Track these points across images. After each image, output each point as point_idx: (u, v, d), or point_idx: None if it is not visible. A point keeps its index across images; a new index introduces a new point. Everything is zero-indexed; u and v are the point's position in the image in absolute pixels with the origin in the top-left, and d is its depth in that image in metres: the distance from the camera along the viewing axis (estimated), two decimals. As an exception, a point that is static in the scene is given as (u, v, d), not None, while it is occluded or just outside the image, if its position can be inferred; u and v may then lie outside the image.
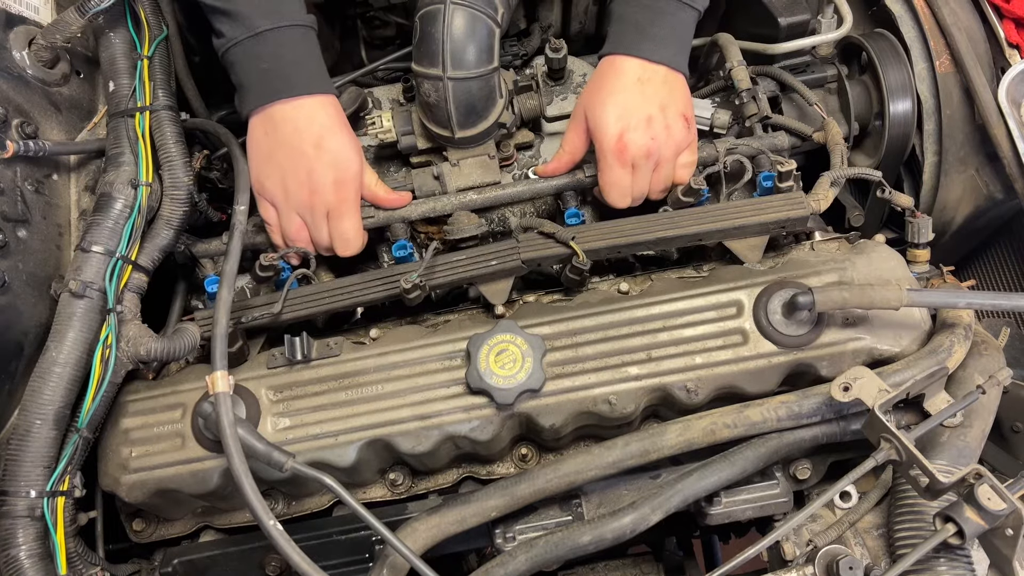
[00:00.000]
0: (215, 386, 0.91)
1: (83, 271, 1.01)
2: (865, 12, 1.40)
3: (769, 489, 1.06)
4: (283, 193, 1.08)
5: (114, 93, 1.12)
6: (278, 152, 1.06)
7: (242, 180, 1.08)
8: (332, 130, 1.07)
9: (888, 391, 0.91)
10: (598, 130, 1.10)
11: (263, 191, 1.10)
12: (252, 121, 1.08)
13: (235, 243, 1.01)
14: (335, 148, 1.07)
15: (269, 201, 1.10)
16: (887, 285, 0.99)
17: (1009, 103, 1.20)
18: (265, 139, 1.07)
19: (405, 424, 1.03)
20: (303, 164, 1.05)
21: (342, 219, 1.10)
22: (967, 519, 0.81)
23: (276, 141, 1.06)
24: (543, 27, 1.41)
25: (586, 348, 1.05)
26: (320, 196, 1.07)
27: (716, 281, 1.08)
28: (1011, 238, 1.42)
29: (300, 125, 1.05)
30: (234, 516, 1.12)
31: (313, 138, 1.05)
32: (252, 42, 1.03)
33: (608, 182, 1.12)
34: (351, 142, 1.09)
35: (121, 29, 1.14)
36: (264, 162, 1.08)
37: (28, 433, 0.95)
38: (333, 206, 1.08)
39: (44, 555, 0.93)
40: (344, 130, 1.09)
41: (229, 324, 0.97)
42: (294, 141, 1.05)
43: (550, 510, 1.07)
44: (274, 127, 1.06)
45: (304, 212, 1.09)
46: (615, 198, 1.14)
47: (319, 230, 1.10)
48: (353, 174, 1.09)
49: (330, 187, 1.07)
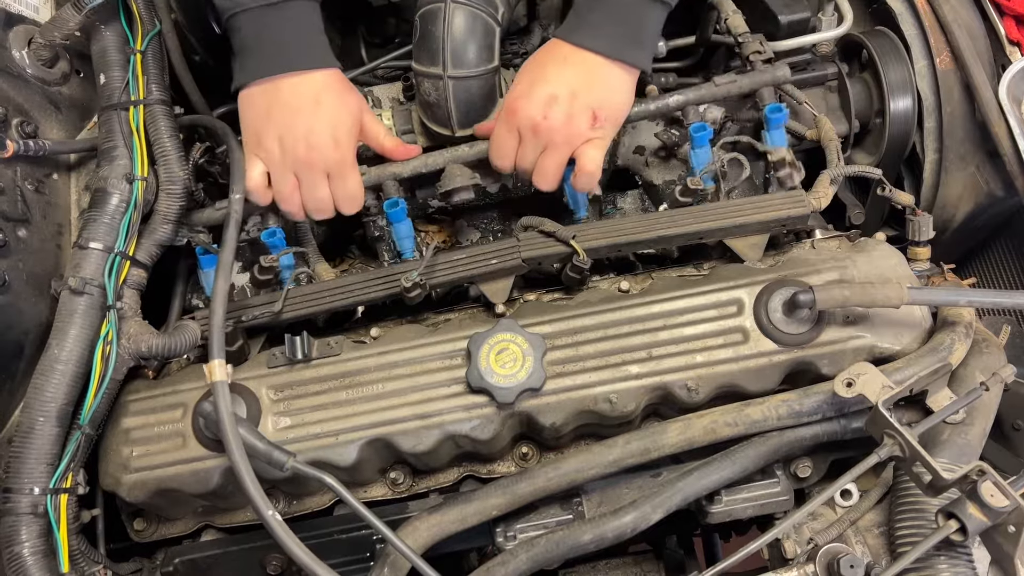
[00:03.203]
0: (213, 375, 0.90)
1: (82, 268, 1.02)
2: (865, 10, 1.40)
3: (770, 487, 1.06)
4: (280, 150, 1.06)
5: (105, 86, 1.12)
6: (276, 109, 1.05)
7: (237, 171, 1.08)
8: (331, 88, 1.06)
9: (892, 387, 0.91)
10: (508, 92, 1.10)
11: (258, 149, 1.07)
12: (252, 88, 1.06)
13: (231, 232, 1.01)
14: (334, 105, 1.05)
15: (263, 160, 1.08)
16: (888, 283, 0.99)
17: (1010, 100, 1.20)
18: (263, 97, 1.05)
19: (406, 423, 1.03)
20: (302, 122, 1.04)
21: (346, 179, 1.09)
22: (970, 516, 0.81)
23: (274, 99, 1.05)
24: (543, 25, 1.41)
25: (587, 347, 1.05)
26: (319, 154, 1.05)
27: (716, 279, 1.08)
28: (1012, 236, 1.42)
29: (300, 88, 1.04)
30: (235, 515, 1.12)
31: (312, 95, 1.04)
32: (263, 11, 1.02)
33: (494, 137, 1.11)
34: (351, 100, 1.08)
35: (113, 23, 1.13)
36: (261, 119, 1.06)
37: (31, 431, 0.95)
38: (334, 165, 1.07)
39: (47, 552, 0.93)
40: (344, 89, 1.08)
41: (229, 323, 0.97)
42: (293, 100, 1.04)
43: (551, 509, 1.07)
44: (275, 88, 1.05)
45: (301, 170, 1.07)
46: (492, 155, 1.12)
47: (315, 189, 1.08)
48: (351, 132, 1.08)
49: (330, 145, 1.05)
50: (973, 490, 0.81)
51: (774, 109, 1.15)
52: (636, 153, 1.30)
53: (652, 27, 1.07)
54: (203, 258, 1.16)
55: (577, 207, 1.22)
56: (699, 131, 1.14)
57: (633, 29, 1.05)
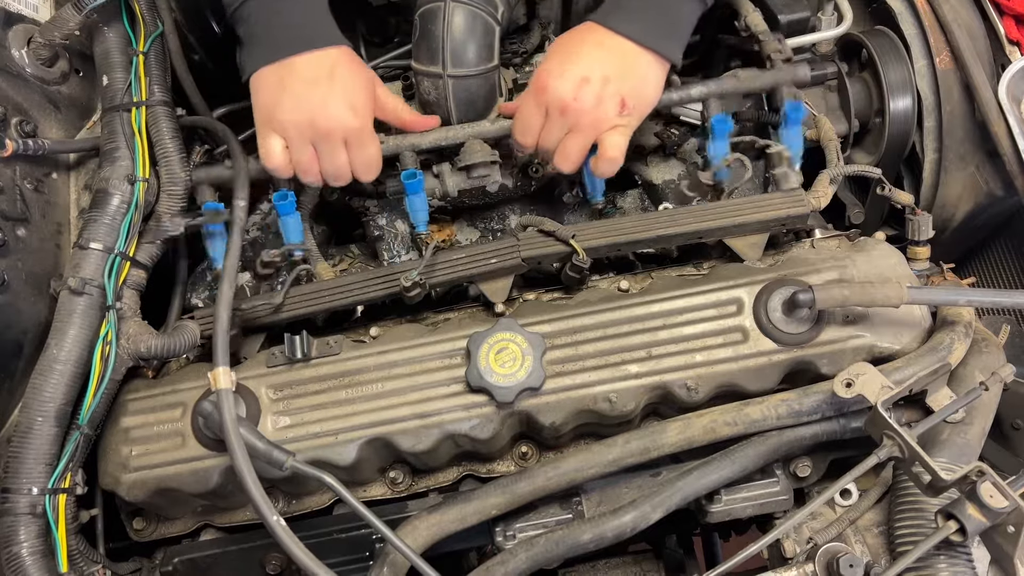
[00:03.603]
0: (217, 382, 0.90)
1: (82, 268, 1.02)
2: (865, 9, 1.40)
3: (769, 487, 1.06)
4: (295, 123, 1.05)
5: (108, 87, 1.12)
6: (291, 84, 1.05)
7: (240, 175, 1.08)
8: (344, 62, 1.06)
9: (891, 387, 0.91)
10: (539, 67, 1.09)
11: (272, 122, 1.07)
12: (264, 70, 1.06)
13: (235, 239, 1.01)
14: (348, 76, 1.06)
15: (279, 133, 1.07)
16: (887, 283, 0.99)
17: (1009, 100, 1.20)
18: (276, 76, 1.05)
19: (405, 422, 1.03)
20: (318, 93, 1.04)
21: (365, 146, 1.09)
22: (969, 516, 0.81)
23: (288, 76, 1.05)
24: (543, 24, 1.41)
25: (586, 346, 1.05)
26: (338, 123, 1.05)
27: (716, 279, 1.08)
28: (1011, 235, 1.42)
29: (314, 63, 1.05)
30: (235, 515, 1.12)
31: (327, 68, 1.05)
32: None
33: (519, 112, 1.11)
34: (365, 72, 1.09)
35: (116, 24, 1.14)
36: (275, 96, 1.05)
37: (30, 431, 0.95)
38: (352, 133, 1.07)
39: (46, 552, 0.93)
40: (357, 62, 1.09)
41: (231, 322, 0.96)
42: (308, 74, 1.04)
43: (550, 508, 1.07)
44: (289, 66, 1.05)
45: (320, 140, 1.07)
46: (517, 131, 1.12)
47: (335, 158, 1.08)
48: (367, 101, 1.08)
49: (348, 114, 1.05)
50: (972, 491, 0.81)
51: (794, 107, 1.14)
52: (636, 152, 1.30)
53: (687, 22, 1.08)
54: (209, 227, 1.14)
55: (595, 191, 1.21)
56: (720, 123, 1.14)
57: (670, 21, 1.07)
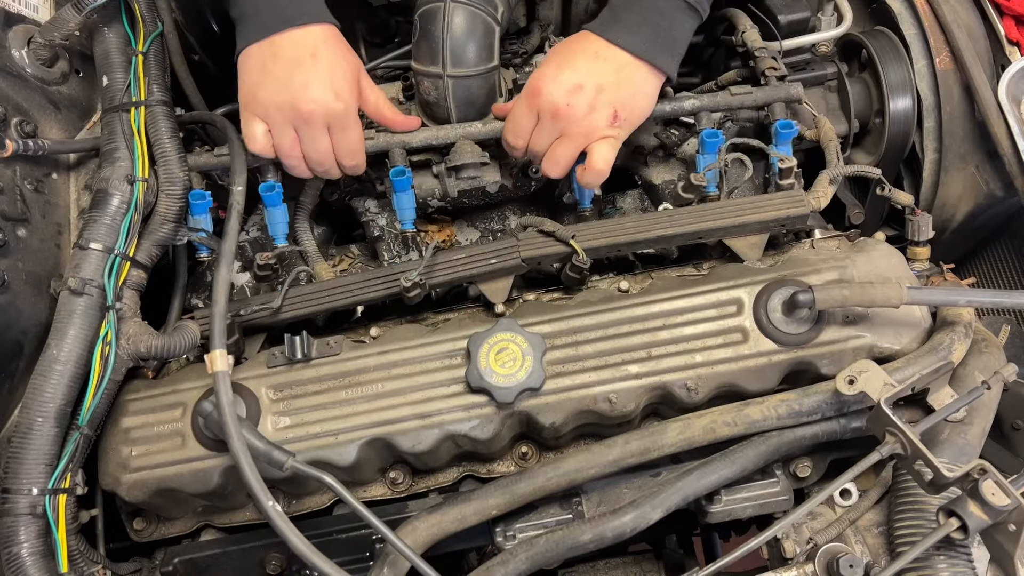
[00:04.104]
0: (214, 364, 0.90)
1: (82, 268, 1.01)
2: (865, 9, 1.40)
3: (769, 487, 1.06)
4: (277, 105, 1.05)
5: (108, 88, 1.12)
6: (272, 64, 1.04)
7: (238, 162, 1.07)
8: (328, 42, 1.05)
9: (894, 385, 0.91)
10: (533, 73, 1.10)
11: (254, 104, 1.06)
12: (249, 49, 1.05)
13: (233, 224, 1.01)
14: (331, 58, 1.05)
15: (261, 116, 1.06)
16: (887, 283, 0.99)
17: (1009, 100, 1.20)
18: (259, 55, 1.04)
19: (405, 423, 1.03)
20: (299, 75, 1.03)
21: (347, 130, 1.07)
22: (970, 514, 0.81)
23: (270, 55, 1.04)
24: (543, 25, 1.41)
25: (586, 347, 1.05)
26: (319, 106, 1.04)
27: (716, 279, 1.08)
28: (1011, 235, 1.42)
29: (297, 42, 1.04)
30: (235, 515, 1.12)
31: (310, 48, 1.04)
32: None
33: (511, 115, 1.11)
34: (349, 56, 1.08)
35: (116, 25, 1.14)
36: (257, 76, 1.05)
37: (30, 431, 0.95)
38: (335, 117, 1.06)
39: (46, 553, 0.93)
40: (342, 44, 1.07)
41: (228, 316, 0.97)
42: (289, 53, 1.03)
43: (550, 508, 1.07)
44: (271, 45, 1.04)
45: (300, 124, 1.05)
46: (507, 133, 1.12)
47: (316, 143, 1.07)
48: (351, 85, 1.07)
49: (329, 97, 1.04)
50: (974, 488, 0.81)
51: (785, 125, 1.15)
52: (636, 153, 1.30)
53: (684, 35, 1.08)
54: (196, 204, 1.13)
55: (583, 198, 1.23)
56: (711, 137, 1.15)
57: (666, 34, 1.07)
